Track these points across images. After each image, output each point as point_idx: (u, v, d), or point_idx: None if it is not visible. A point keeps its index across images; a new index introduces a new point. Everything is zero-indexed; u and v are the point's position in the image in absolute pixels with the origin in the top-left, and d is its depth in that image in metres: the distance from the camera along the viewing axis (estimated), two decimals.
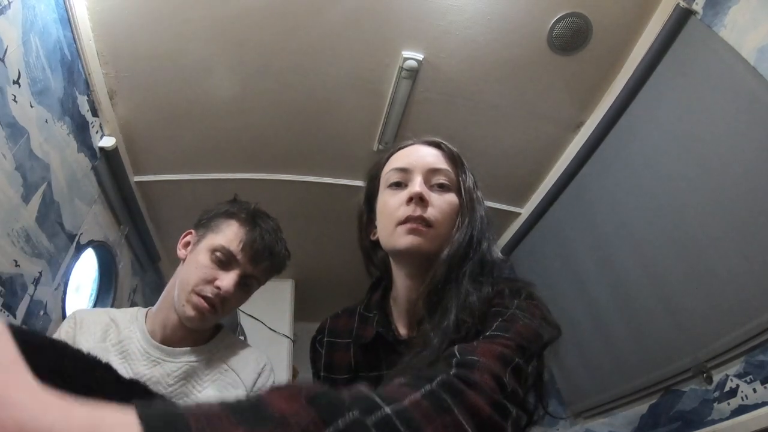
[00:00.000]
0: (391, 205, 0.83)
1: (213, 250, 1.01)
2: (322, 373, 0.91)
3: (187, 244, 1.07)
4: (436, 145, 0.90)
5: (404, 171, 0.85)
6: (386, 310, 0.88)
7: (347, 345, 0.89)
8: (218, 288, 0.98)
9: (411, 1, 1.52)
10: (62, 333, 1.00)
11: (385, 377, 0.79)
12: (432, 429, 0.45)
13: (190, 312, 0.98)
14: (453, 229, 0.82)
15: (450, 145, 0.91)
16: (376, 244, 0.90)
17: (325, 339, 0.93)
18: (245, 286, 1.04)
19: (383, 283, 0.93)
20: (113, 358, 0.96)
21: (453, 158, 0.89)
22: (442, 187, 0.84)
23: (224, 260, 1.01)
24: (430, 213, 0.80)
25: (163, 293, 1.07)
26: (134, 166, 1.98)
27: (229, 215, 1.06)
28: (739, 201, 1.24)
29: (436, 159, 0.87)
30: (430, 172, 0.85)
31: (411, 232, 0.79)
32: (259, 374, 1.06)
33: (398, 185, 0.85)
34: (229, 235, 1.03)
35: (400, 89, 1.75)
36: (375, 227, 0.90)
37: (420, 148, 0.90)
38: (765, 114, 1.18)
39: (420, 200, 0.80)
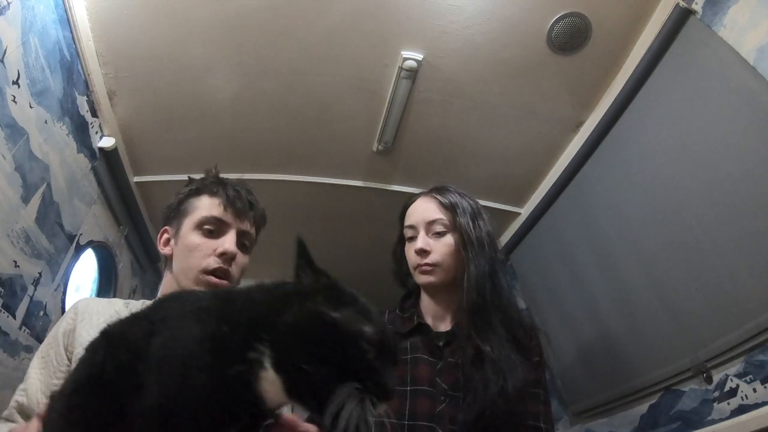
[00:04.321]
0: (409, 254, 1.18)
1: (199, 225, 0.99)
2: None
3: (168, 241, 1.05)
4: (434, 198, 1.18)
5: (412, 228, 1.17)
6: (418, 313, 1.18)
7: None
8: (222, 253, 0.97)
9: (410, 1, 1.52)
10: (63, 324, 0.97)
11: (410, 360, 1.08)
12: None
13: None
14: (456, 261, 1.12)
15: (445, 196, 1.17)
16: (408, 273, 1.21)
17: None
18: (243, 247, 1.03)
19: (412, 295, 1.24)
20: None
21: (447, 205, 1.15)
22: (439, 234, 1.14)
23: (214, 228, 1.00)
24: (432, 258, 1.12)
25: (162, 290, 1.05)
26: (134, 166, 1.98)
27: (195, 192, 1.05)
28: (739, 200, 1.24)
29: (433, 212, 1.16)
30: (429, 224, 1.15)
31: (423, 273, 1.14)
32: None
33: (411, 239, 1.17)
34: (206, 204, 1.01)
35: (399, 89, 1.75)
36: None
37: (421, 204, 1.19)
38: (765, 114, 1.17)
39: (423, 252, 1.12)
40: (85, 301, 1.01)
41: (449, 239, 1.13)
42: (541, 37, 1.60)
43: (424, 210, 1.17)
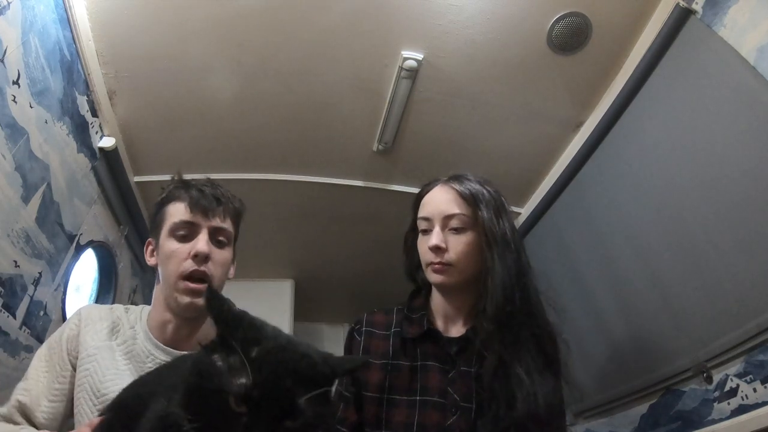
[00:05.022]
0: (422, 249, 1.06)
1: (172, 232, 1.00)
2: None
3: (153, 251, 1.07)
4: (453, 189, 1.06)
5: (427, 220, 1.06)
6: (427, 314, 1.08)
7: (385, 336, 1.08)
8: (195, 255, 0.97)
9: (410, 1, 1.52)
10: (67, 329, 0.98)
11: (420, 367, 1.01)
12: None
13: (186, 299, 0.96)
14: (474, 261, 1.01)
15: (466, 185, 1.05)
16: (419, 266, 1.10)
17: (364, 329, 1.10)
18: (219, 243, 1.03)
19: (423, 291, 1.14)
20: (119, 358, 0.95)
21: (468, 198, 1.04)
22: (457, 230, 1.02)
23: (186, 233, 1.00)
24: (447, 257, 1.01)
25: (153, 299, 1.06)
26: (134, 166, 1.98)
27: (164, 203, 1.06)
28: (739, 200, 1.24)
29: (451, 205, 1.04)
30: (446, 219, 1.03)
31: (436, 271, 1.02)
32: None
33: (425, 232, 1.06)
34: (174, 211, 1.02)
35: (399, 89, 1.75)
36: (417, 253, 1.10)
37: (439, 194, 1.07)
38: (765, 114, 1.17)
39: (437, 249, 1.01)
40: (88, 308, 1.03)
41: (468, 237, 1.02)
42: (541, 37, 1.60)
43: (442, 202, 1.05)
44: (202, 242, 0.98)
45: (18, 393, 0.91)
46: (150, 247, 1.08)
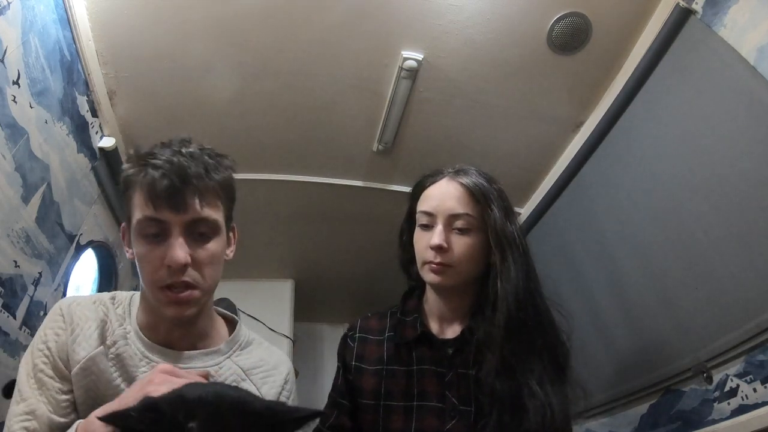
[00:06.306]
0: (420, 245, 1.00)
1: (139, 231, 0.81)
2: (353, 363, 1.04)
3: (129, 241, 0.86)
4: (462, 183, 1.00)
5: (429, 215, 1.00)
6: (421, 316, 1.05)
7: (379, 341, 1.05)
8: (168, 266, 0.78)
9: (410, 1, 1.52)
10: (51, 335, 0.82)
11: (416, 372, 0.98)
12: None
13: (171, 311, 0.81)
14: (476, 263, 0.98)
15: (474, 181, 1.00)
16: (413, 260, 1.05)
17: (357, 335, 1.07)
18: (200, 237, 0.82)
19: (416, 291, 1.10)
20: (109, 365, 0.82)
21: (478, 196, 0.98)
22: (461, 231, 0.97)
23: (156, 231, 0.79)
24: (448, 258, 0.96)
25: (140, 295, 0.91)
26: None
27: (127, 186, 0.84)
28: (739, 200, 1.24)
29: (458, 203, 0.98)
30: (452, 218, 0.98)
31: (433, 271, 0.97)
32: (283, 387, 0.92)
33: (426, 227, 1.00)
34: (138, 203, 0.81)
35: (399, 89, 1.75)
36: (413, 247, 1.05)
37: (445, 188, 1.01)
38: (765, 114, 1.17)
39: (439, 249, 0.96)
40: (72, 307, 0.86)
41: (473, 239, 0.97)
42: (541, 37, 1.60)
43: (448, 198, 0.99)
44: (174, 249, 0.78)
45: (17, 421, 0.74)
46: (127, 236, 0.87)
